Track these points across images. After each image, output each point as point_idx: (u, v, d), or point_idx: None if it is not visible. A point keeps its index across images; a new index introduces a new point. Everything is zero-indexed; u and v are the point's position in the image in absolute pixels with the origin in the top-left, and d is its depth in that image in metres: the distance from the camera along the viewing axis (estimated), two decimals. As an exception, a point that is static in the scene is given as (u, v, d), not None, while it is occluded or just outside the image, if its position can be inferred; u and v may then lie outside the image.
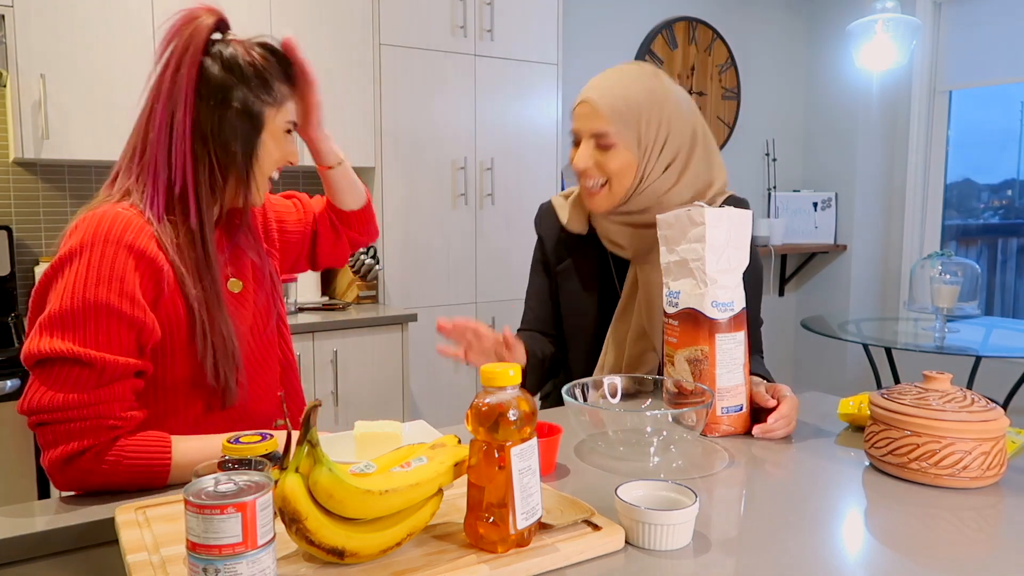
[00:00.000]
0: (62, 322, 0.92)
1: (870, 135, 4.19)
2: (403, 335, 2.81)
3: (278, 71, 1.09)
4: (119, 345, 0.94)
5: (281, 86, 1.09)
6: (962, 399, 0.98)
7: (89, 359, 0.91)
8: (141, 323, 0.96)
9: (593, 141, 1.29)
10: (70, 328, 0.92)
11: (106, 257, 0.94)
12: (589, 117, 1.29)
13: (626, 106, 1.27)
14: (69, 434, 0.91)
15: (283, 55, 1.11)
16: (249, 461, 0.73)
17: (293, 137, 1.13)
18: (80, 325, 0.92)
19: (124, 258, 0.95)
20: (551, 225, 1.48)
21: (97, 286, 0.93)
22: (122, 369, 0.94)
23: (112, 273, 0.94)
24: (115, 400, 0.94)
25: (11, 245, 2.49)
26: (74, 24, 2.31)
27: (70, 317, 0.92)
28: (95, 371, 0.92)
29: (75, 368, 0.91)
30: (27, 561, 0.84)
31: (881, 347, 3.06)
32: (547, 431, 1.01)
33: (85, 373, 0.91)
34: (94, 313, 0.92)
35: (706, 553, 0.77)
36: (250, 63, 1.05)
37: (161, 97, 1.02)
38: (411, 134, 2.95)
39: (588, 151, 1.30)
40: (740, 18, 4.20)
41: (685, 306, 1.16)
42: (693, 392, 1.14)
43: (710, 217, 1.14)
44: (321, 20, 2.75)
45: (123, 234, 0.96)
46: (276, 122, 1.08)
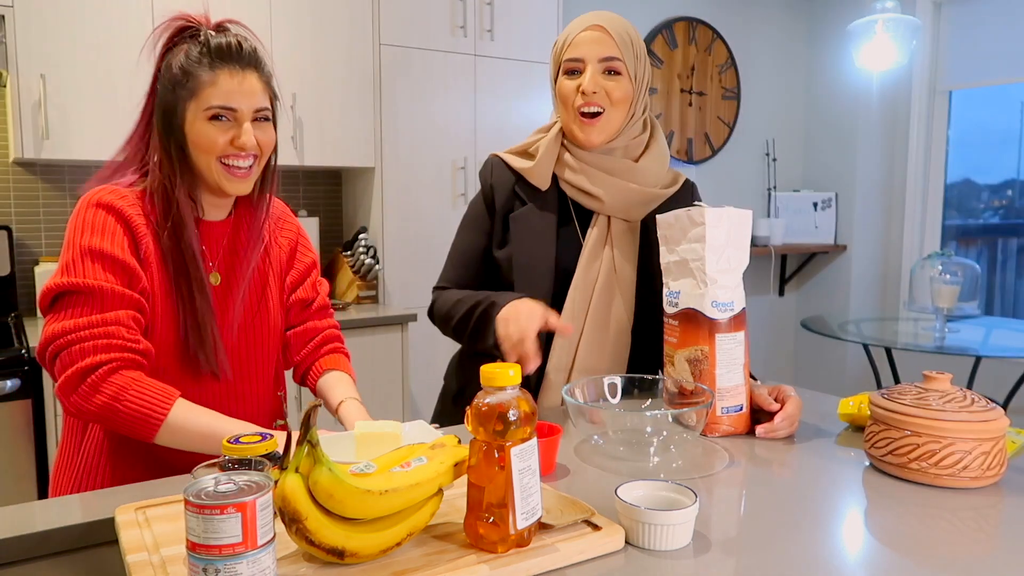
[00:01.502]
0: (64, 268, 1.05)
1: (870, 135, 4.19)
2: (403, 335, 2.81)
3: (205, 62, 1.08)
4: (115, 280, 1.05)
5: (202, 76, 1.08)
6: (962, 399, 0.98)
7: (88, 288, 1.03)
8: (131, 268, 1.06)
9: (601, 67, 1.29)
10: (70, 270, 1.04)
11: (97, 216, 1.07)
12: (600, 42, 1.29)
13: (631, 38, 1.31)
14: (83, 352, 1.01)
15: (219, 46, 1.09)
16: (249, 461, 0.73)
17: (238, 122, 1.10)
18: (78, 266, 1.04)
19: (110, 218, 1.07)
20: (505, 176, 1.40)
21: (91, 236, 1.05)
22: (120, 297, 1.04)
23: (103, 228, 1.06)
24: (119, 323, 1.03)
25: (11, 245, 2.49)
26: (74, 24, 2.31)
27: (69, 263, 1.05)
28: (95, 298, 1.03)
29: (79, 298, 1.03)
30: (27, 561, 0.84)
31: (881, 347, 3.06)
32: (547, 431, 1.01)
33: (88, 300, 1.03)
34: (89, 256, 1.05)
35: (706, 553, 0.77)
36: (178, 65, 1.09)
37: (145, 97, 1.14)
38: (411, 134, 2.95)
39: (596, 76, 1.29)
40: (740, 18, 4.20)
41: (685, 306, 1.16)
42: (693, 392, 1.14)
43: (710, 217, 1.14)
44: (321, 20, 2.75)
45: (108, 200, 1.08)
46: (194, 111, 1.09)
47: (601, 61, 1.28)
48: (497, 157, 1.43)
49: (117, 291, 1.04)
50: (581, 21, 1.32)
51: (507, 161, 1.41)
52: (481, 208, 1.43)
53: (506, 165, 1.40)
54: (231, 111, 1.10)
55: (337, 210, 3.25)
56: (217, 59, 1.09)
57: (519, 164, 1.38)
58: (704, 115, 4.12)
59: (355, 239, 2.95)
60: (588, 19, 1.31)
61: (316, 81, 2.76)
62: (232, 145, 1.10)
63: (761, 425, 1.15)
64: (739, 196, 4.29)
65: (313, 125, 2.77)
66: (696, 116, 4.09)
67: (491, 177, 1.41)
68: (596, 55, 1.28)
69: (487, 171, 1.43)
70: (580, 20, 1.32)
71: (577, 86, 1.29)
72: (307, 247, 1.33)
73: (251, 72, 1.11)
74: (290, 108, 2.71)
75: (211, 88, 1.09)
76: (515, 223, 1.37)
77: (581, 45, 1.29)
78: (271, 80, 1.16)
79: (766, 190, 4.41)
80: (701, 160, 4.13)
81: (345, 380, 1.30)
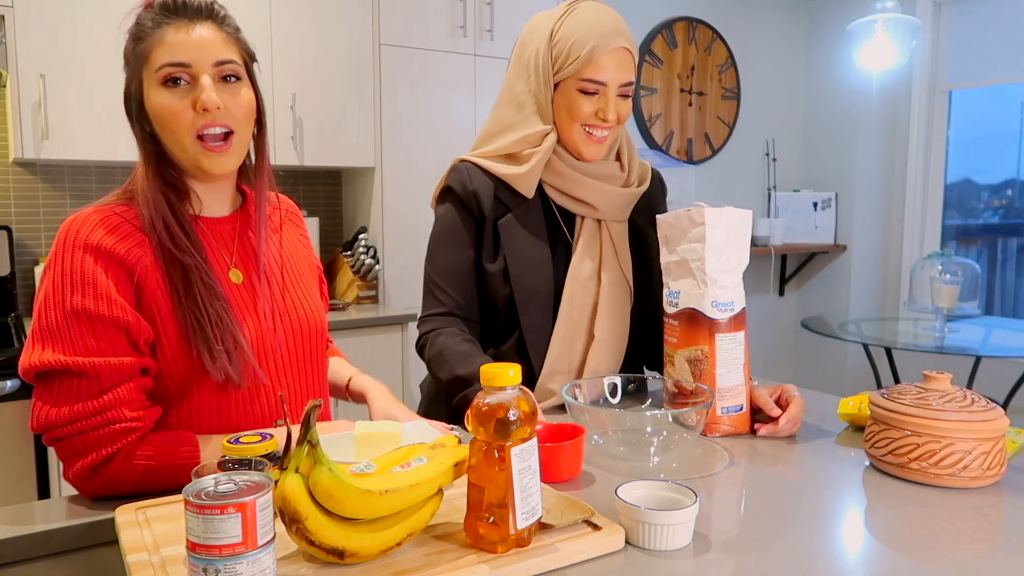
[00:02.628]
0: (49, 334, 0.90)
1: (870, 135, 4.19)
2: (403, 335, 2.81)
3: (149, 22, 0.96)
4: (110, 348, 0.91)
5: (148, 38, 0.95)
6: (962, 399, 0.98)
7: (81, 368, 0.89)
8: (125, 322, 0.92)
9: (619, 91, 1.26)
10: (57, 339, 0.90)
11: (74, 262, 0.92)
12: (625, 68, 1.25)
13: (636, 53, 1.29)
14: (86, 446, 0.89)
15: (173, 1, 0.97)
16: (249, 461, 0.73)
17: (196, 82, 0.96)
18: (66, 335, 0.90)
19: (91, 261, 0.92)
20: (484, 181, 1.30)
21: (73, 294, 0.91)
22: (119, 371, 0.91)
23: (83, 278, 0.91)
24: (122, 404, 0.91)
25: (11, 245, 2.49)
26: (74, 24, 2.31)
27: (55, 328, 0.90)
28: (91, 379, 0.90)
29: (72, 379, 0.90)
30: (27, 561, 0.84)
31: (881, 347, 3.06)
32: (571, 432, 1.00)
33: (83, 383, 0.90)
34: (75, 321, 0.90)
35: (706, 553, 0.77)
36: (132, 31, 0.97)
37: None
38: (411, 134, 2.95)
39: (615, 101, 1.25)
40: (740, 18, 4.20)
41: (685, 306, 1.16)
42: (693, 392, 1.14)
43: (710, 217, 1.14)
44: (321, 20, 2.75)
45: (87, 236, 0.93)
46: (147, 79, 0.96)
47: (621, 87, 1.25)
48: (469, 162, 1.33)
49: (113, 364, 0.90)
50: (601, 31, 1.22)
51: (485, 167, 1.31)
52: (458, 220, 1.31)
53: (482, 170, 1.31)
54: (184, 68, 0.94)
55: (337, 210, 3.25)
56: (163, 14, 0.95)
57: (505, 170, 1.29)
58: (704, 115, 4.11)
59: (355, 239, 2.95)
60: (611, 31, 1.22)
61: (316, 81, 2.76)
62: (194, 110, 0.95)
63: (763, 425, 1.15)
64: (739, 196, 4.29)
65: (313, 125, 2.77)
66: (696, 116, 4.08)
67: (471, 183, 1.30)
68: (619, 80, 1.24)
69: (464, 178, 1.31)
70: (599, 27, 1.23)
71: (596, 111, 1.25)
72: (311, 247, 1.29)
73: (206, 23, 0.97)
74: (290, 108, 2.71)
75: (159, 48, 0.95)
76: (505, 231, 1.30)
77: (607, 69, 1.23)
78: (238, 34, 1.01)
79: (766, 190, 4.41)
80: (701, 160, 4.13)
81: (343, 362, 1.29)
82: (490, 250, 1.31)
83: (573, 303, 1.30)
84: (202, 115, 0.95)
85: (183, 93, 0.95)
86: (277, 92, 2.68)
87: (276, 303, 1.08)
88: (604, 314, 1.31)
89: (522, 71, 1.32)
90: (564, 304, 1.30)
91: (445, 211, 1.34)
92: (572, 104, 1.26)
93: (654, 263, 1.36)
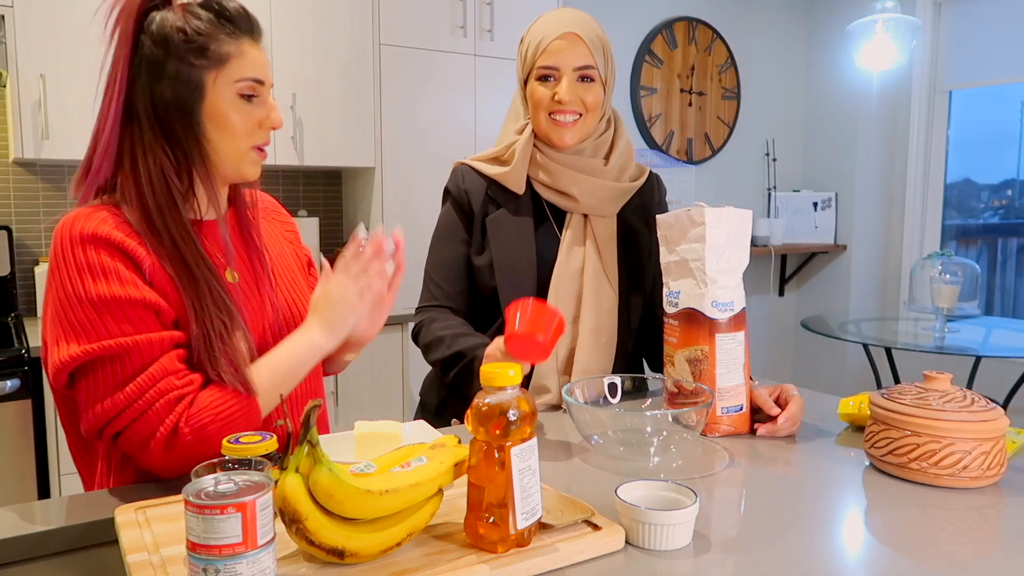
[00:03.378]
0: (73, 329, 0.88)
1: (870, 135, 4.19)
2: (403, 335, 2.81)
3: (220, 28, 0.95)
4: (144, 327, 0.90)
5: (223, 45, 0.95)
6: (962, 399, 0.98)
7: (122, 348, 0.88)
8: (156, 303, 0.91)
9: (576, 74, 1.30)
10: (89, 330, 0.88)
11: (89, 256, 0.90)
12: (574, 51, 1.29)
13: (601, 41, 1.32)
14: (149, 424, 0.88)
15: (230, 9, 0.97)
16: (249, 461, 0.73)
17: (265, 98, 1.00)
18: (97, 324, 0.88)
19: (106, 253, 0.91)
20: (476, 181, 1.39)
21: (95, 283, 0.89)
22: (159, 345, 0.90)
23: (103, 268, 0.90)
24: (167, 374, 0.90)
25: (11, 245, 2.49)
26: (74, 24, 2.31)
27: (84, 321, 0.88)
28: (134, 358, 0.89)
29: (113, 364, 0.88)
30: (27, 561, 0.84)
31: (881, 347, 3.06)
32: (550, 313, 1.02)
33: (125, 364, 0.89)
34: (105, 308, 0.89)
35: (706, 553, 0.77)
36: (179, 28, 0.93)
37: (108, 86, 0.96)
38: (411, 134, 2.95)
39: (571, 85, 1.30)
40: (740, 18, 4.20)
41: (685, 306, 1.16)
42: (693, 392, 1.14)
43: (710, 217, 1.14)
44: (321, 20, 2.75)
45: (94, 230, 0.91)
46: (220, 86, 0.96)
47: (576, 70, 1.30)
48: (465, 165, 1.42)
49: (153, 339, 0.90)
50: (553, 24, 1.30)
51: (477, 168, 1.39)
52: (454, 218, 1.41)
53: (476, 172, 1.40)
54: (261, 85, 0.98)
55: (337, 210, 3.25)
56: (235, 25, 0.96)
57: (493, 171, 1.37)
58: (704, 115, 4.11)
59: (355, 239, 2.95)
60: (561, 23, 1.29)
61: (316, 81, 2.76)
62: (261, 128, 1.00)
63: (763, 425, 1.15)
64: (739, 196, 4.29)
65: (313, 125, 2.77)
66: (696, 116, 4.08)
67: (463, 183, 1.39)
68: (571, 64, 1.29)
69: (458, 179, 1.41)
70: (551, 22, 1.31)
71: (552, 95, 1.30)
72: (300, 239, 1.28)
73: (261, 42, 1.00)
74: (290, 108, 2.71)
75: (240, 59, 0.96)
76: (492, 226, 1.36)
77: (556, 54, 1.29)
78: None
79: (766, 190, 4.41)
80: (701, 160, 4.13)
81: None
82: (479, 245, 1.39)
83: (558, 296, 1.33)
84: (265, 131, 1.00)
85: (253, 108, 0.98)
86: (277, 92, 2.68)
87: (272, 303, 1.08)
88: (588, 308, 1.33)
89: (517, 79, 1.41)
90: (549, 297, 1.33)
91: (444, 211, 1.45)
92: (533, 94, 1.34)
93: (644, 261, 1.38)
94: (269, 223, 1.19)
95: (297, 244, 1.24)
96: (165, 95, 0.94)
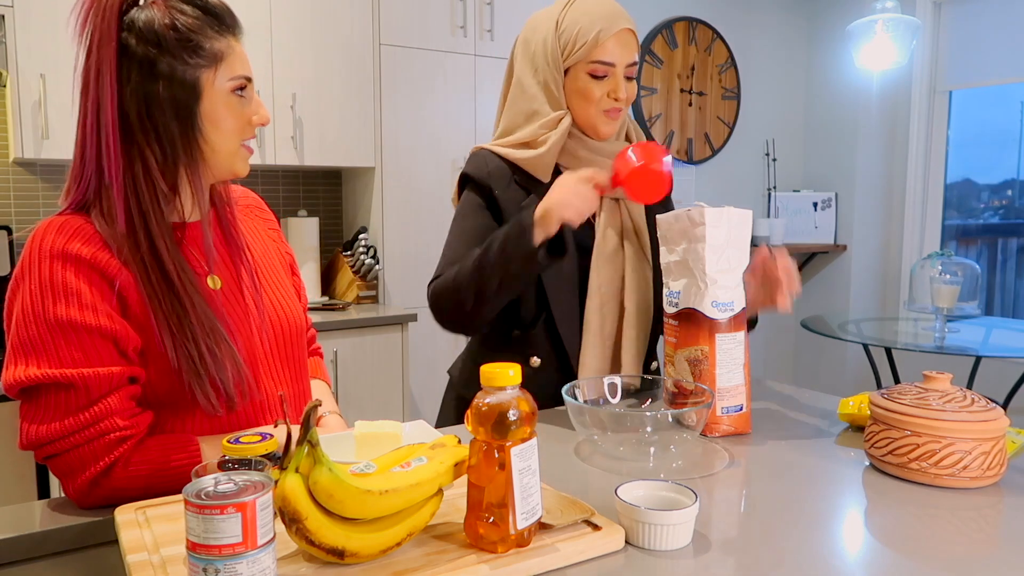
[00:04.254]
0: (32, 347, 0.86)
1: (870, 135, 4.19)
2: (403, 335, 2.81)
3: (209, 25, 0.94)
4: (97, 358, 0.88)
5: (215, 42, 0.94)
6: (962, 399, 0.98)
7: (69, 380, 0.85)
8: (113, 331, 0.89)
9: (626, 71, 1.31)
10: (41, 352, 0.86)
11: (55, 272, 0.88)
12: (630, 48, 1.31)
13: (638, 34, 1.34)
14: (82, 460, 0.87)
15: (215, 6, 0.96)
16: (249, 461, 0.73)
17: (252, 95, 1.00)
18: (50, 347, 0.86)
19: (72, 271, 0.88)
20: (501, 166, 1.34)
21: (55, 304, 0.87)
22: (108, 381, 0.88)
23: (66, 288, 0.87)
24: (113, 413, 0.88)
25: (11, 245, 2.49)
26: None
27: (38, 342, 0.86)
28: (80, 391, 0.86)
29: (60, 393, 0.86)
30: (27, 561, 0.84)
31: (881, 347, 3.06)
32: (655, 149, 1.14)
33: (72, 395, 0.86)
34: (60, 332, 0.87)
35: (706, 553, 0.77)
36: (169, 25, 0.91)
37: (88, 90, 0.94)
38: (411, 134, 2.95)
39: (624, 81, 1.31)
40: (740, 18, 4.20)
41: (685, 306, 1.16)
42: (693, 392, 1.14)
43: (710, 217, 1.14)
44: (321, 20, 2.75)
45: (64, 245, 0.89)
46: (217, 85, 0.95)
47: (628, 67, 1.31)
48: (486, 150, 1.37)
49: (103, 374, 0.87)
50: (609, 18, 1.28)
51: (501, 153, 1.35)
52: (477, 200, 1.34)
53: (499, 157, 1.35)
54: (249, 81, 0.98)
55: (337, 210, 3.25)
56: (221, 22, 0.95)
57: (520, 155, 1.33)
58: (704, 115, 4.11)
59: (355, 239, 2.95)
60: (618, 19, 1.29)
61: (316, 81, 2.76)
62: (250, 124, 0.99)
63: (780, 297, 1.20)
64: (739, 196, 4.29)
65: (313, 125, 2.77)
66: (696, 116, 4.08)
67: (487, 167, 1.34)
68: (626, 61, 1.30)
69: (480, 163, 1.35)
70: (606, 14, 1.28)
71: (608, 91, 1.30)
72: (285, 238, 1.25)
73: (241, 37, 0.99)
74: (290, 108, 2.71)
75: (232, 56, 0.95)
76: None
77: (615, 50, 1.29)
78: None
79: (766, 190, 4.41)
80: (701, 160, 4.13)
81: (325, 391, 1.25)
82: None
83: (600, 279, 1.32)
84: (254, 128, 1.00)
85: (244, 104, 0.98)
86: (277, 92, 2.68)
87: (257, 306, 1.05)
88: (631, 288, 1.34)
89: (528, 64, 1.36)
90: (591, 281, 1.32)
91: (465, 196, 1.37)
92: (585, 88, 1.31)
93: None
94: (252, 220, 1.16)
95: (280, 242, 1.21)
96: (160, 94, 0.92)
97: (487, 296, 1.21)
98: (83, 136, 0.95)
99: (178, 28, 0.91)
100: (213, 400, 0.93)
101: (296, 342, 1.12)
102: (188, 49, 0.92)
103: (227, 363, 0.95)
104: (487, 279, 1.20)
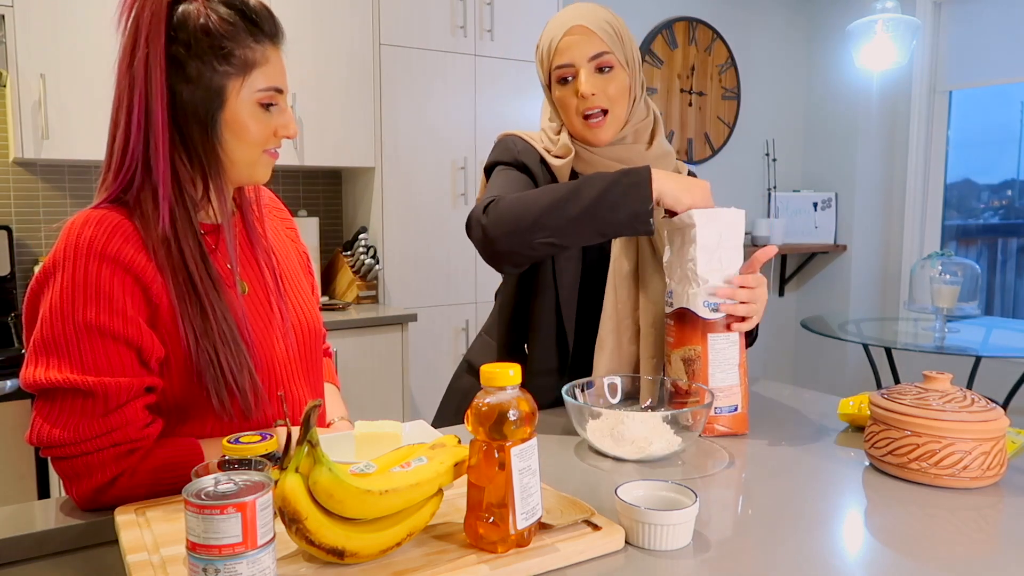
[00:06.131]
0: (56, 347, 0.85)
1: (870, 135, 4.19)
2: (403, 335, 2.81)
3: (244, 32, 0.91)
4: (120, 366, 0.87)
5: (247, 51, 0.92)
6: (962, 399, 0.98)
7: (90, 387, 0.85)
8: (139, 341, 0.88)
9: (592, 65, 1.27)
10: (64, 354, 0.85)
11: (90, 273, 0.86)
12: (585, 43, 1.26)
13: (612, 25, 1.28)
14: (89, 467, 0.86)
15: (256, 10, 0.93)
16: (249, 461, 0.73)
17: (283, 107, 0.98)
18: (75, 350, 0.85)
19: (107, 273, 0.86)
20: (531, 152, 1.33)
21: (85, 306, 0.85)
22: (128, 391, 0.87)
23: (98, 291, 0.86)
24: (127, 424, 0.87)
25: (11, 245, 2.49)
26: (74, 24, 2.31)
27: (63, 342, 0.85)
28: (99, 399, 0.85)
29: (78, 399, 0.85)
30: (27, 561, 0.84)
31: (881, 347, 3.06)
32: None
33: (89, 403, 0.85)
34: (87, 336, 0.85)
35: (706, 553, 0.77)
36: (203, 27, 0.89)
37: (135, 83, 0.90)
38: (411, 134, 2.95)
39: (590, 77, 1.27)
40: (740, 18, 4.20)
41: (679, 306, 1.16)
42: (690, 392, 1.14)
43: (699, 218, 1.14)
44: (321, 20, 2.75)
45: (103, 244, 0.87)
46: (243, 94, 0.93)
47: (591, 60, 1.27)
48: (515, 135, 1.36)
49: (123, 384, 0.86)
50: (560, 23, 1.28)
51: (531, 142, 1.35)
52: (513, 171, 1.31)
53: (531, 146, 1.34)
54: (280, 95, 0.95)
55: (337, 210, 3.26)
56: (259, 28, 0.93)
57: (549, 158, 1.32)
58: (704, 115, 4.11)
59: (355, 239, 2.95)
60: (566, 20, 1.28)
61: (316, 81, 2.77)
62: (276, 136, 0.97)
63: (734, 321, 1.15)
64: (739, 196, 4.29)
65: (313, 125, 2.77)
66: (696, 116, 4.09)
67: (516, 147, 1.33)
68: (584, 56, 1.27)
69: (510, 145, 1.34)
70: (558, 22, 1.29)
71: (575, 91, 1.28)
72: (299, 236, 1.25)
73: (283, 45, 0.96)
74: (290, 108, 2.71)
75: (264, 67, 0.93)
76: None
77: (567, 50, 1.27)
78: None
79: (766, 190, 4.41)
80: (701, 160, 4.13)
81: (335, 395, 1.25)
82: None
83: (616, 294, 1.30)
84: (280, 139, 0.98)
85: (272, 116, 0.96)
86: (277, 92, 2.68)
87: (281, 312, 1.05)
88: (645, 301, 1.30)
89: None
90: (607, 297, 1.29)
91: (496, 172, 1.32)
92: (560, 97, 1.32)
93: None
94: (272, 221, 1.16)
95: (296, 242, 1.22)
96: (183, 97, 0.91)
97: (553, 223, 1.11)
98: (127, 129, 0.91)
99: (210, 31, 0.89)
100: (228, 407, 0.93)
101: (315, 346, 1.12)
102: (218, 56, 0.90)
103: (245, 372, 0.95)
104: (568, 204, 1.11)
